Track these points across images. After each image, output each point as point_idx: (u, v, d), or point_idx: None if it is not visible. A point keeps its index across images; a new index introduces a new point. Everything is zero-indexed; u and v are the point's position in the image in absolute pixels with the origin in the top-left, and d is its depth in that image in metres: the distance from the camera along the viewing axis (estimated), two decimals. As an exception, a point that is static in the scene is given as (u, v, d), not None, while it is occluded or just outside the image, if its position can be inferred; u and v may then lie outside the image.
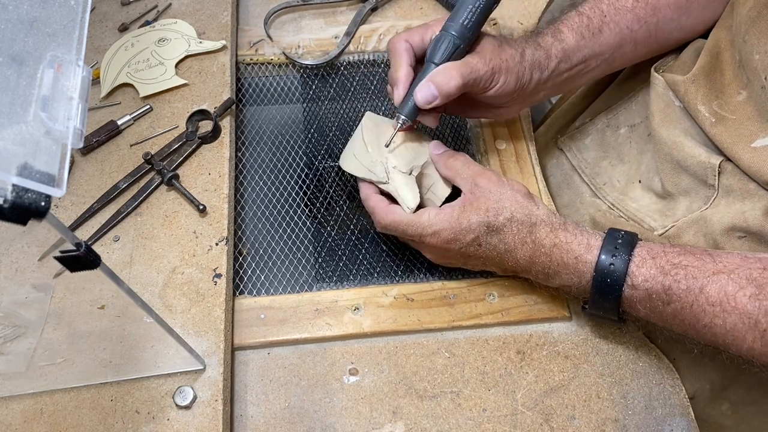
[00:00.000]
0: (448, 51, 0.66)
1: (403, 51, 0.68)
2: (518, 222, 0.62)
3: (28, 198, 0.33)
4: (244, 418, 0.62)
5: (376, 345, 0.66)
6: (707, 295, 0.54)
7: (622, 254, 0.58)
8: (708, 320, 0.54)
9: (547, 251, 0.60)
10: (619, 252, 0.58)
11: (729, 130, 0.65)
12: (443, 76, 0.64)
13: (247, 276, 0.70)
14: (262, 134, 0.81)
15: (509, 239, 0.62)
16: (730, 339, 0.53)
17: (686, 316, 0.55)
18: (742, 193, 0.65)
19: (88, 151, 0.73)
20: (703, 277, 0.54)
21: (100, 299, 0.62)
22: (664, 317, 0.57)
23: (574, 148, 0.85)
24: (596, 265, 0.58)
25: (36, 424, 0.58)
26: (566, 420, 0.62)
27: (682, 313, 0.55)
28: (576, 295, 0.63)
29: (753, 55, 0.63)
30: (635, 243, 0.59)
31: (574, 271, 0.60)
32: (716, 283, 0.54)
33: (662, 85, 0.73)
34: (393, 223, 0.65)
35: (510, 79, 0.68)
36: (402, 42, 0.68)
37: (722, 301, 0.53)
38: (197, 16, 0.84)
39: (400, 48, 0.68)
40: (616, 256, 0.58)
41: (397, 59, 0.68)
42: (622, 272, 0.57)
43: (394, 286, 0.69)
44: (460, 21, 0.66)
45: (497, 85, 0.67)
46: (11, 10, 0.38)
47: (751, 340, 0.52)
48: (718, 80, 0.68)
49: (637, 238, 0.60)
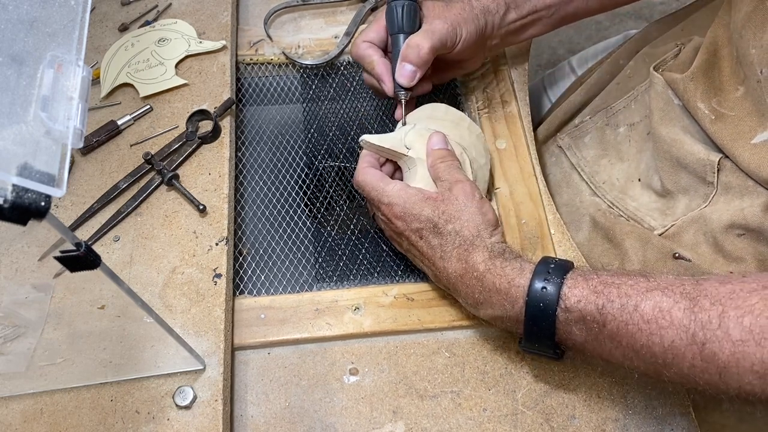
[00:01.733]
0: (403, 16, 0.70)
1: (368, 49, 0.72)
2: (462, 237, 0.61)
3: (28, 198, 0.33)
4: (244, 418, 0.62)
5: (377, 345, 0.66)
6: (642, 313, 0.51)
7: (554, 278, 0.56)
8: (645, 339, 0.51)
9: (479, 275, 0.59)
10: (552, 276, 0.56)
11: (728, 127, 0.65)
12: (412, 49, 0.69)
13: (247, 276, 0.70)
14: (262, 134, 0.81)
15: (447, 248, 0.61)
16: (670, 357, 0.51)
17: (623, 337, 0.52)
18: (740, 190, 0.65)
19: (88, 151, 0.73)
20: (637, 294, 0.52)
21: (100, 299, 0.62)
22: (601, 342, 0.54)
23: (574, 146, 0.85)
24: (528, 289, 0.56)
25: (36, 424, 0.58)
26: (567, 419, 0.62)
27: (619, 334, 0.53)
28: (508, 327, 0.61)
29: (749, 50, 0.63)
30: (569, 268, 0.57)
31: (506, 297, 0.57)
32: (650, 300, 0.52)
33: (661, 83, 0.73)
34: (363, 182, 0.67)
35: (470, 29, 0.71)
36: (362, 43, 0.73)
37: (657, 317, 0.51)
38: (197, 16, 0.84)
39: (363, 48, 0.73)
40: (548, 279, 0.56)
41: (368, 58, 0.72)
42: (554, 295, 0.55)
43: (394, 285, 0.69)
44: None
45: (461, 37, 0.71)
46: (11, 10, 0.38)
47: (691, 356, 0.49)
48: (716, 77, 0.68)
49: (572, 265, 0.58)
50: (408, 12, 0.70)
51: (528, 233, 0.72)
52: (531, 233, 0.72)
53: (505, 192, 0.76)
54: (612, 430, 0.62)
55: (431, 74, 0.76)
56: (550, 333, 0.56)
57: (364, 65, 0.73)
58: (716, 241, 0.66)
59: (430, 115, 0.73)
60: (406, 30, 0.70)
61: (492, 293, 0.58)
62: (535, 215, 0.74)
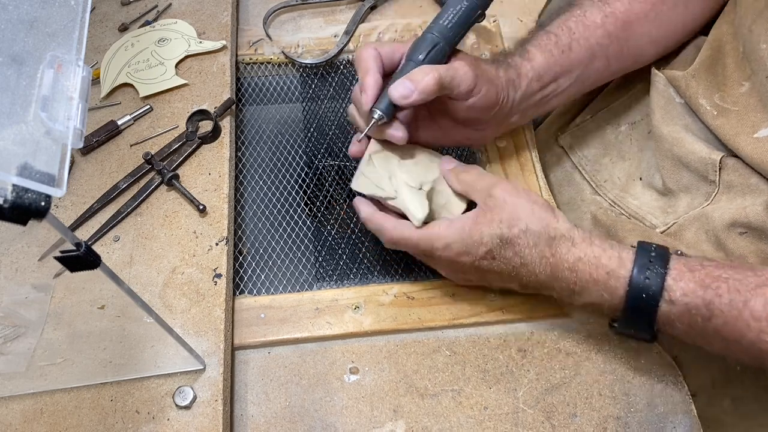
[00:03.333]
0: (428, 48, 0.64)
1: (371, 58, 0.64)
2: (534, 234, 0.58)
3: (28, 198, 0.33)
4: (245, 417, 0.62)
5: (377, 344, 0.66)
6: (752, 310, 0.51)
7: (657, 268, 0.54)
8: (754, 336, 0.51)
9: (570, 266, 0.57)
10: (654, 266, 0.55)
11: (731, 122, 0.65)
12: (421, 72, 0.61)
13: (247, 276, 0.70)
14: (262, 134, 0.81)
15: (525, 252, 0.58)
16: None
17: (729, 333, 0.52)
18: (743, 188, 0.65)
19: (88, 151, 0.73)
20: (747, 290, 0.52)
21: (100, 299, 0.62)
22: (704, 335, 0.54)
23: (575, 145, 0.85)
24: (630, 280, 0.55)
25: (36, 424, 0.58)
26: (568, 418, 0.62)
27: (725, 329, 0.52)
28: (605, 314, 0.60)
29: (759, 45, 0.63)
30: (669, 256, 0.56)
31: (604, 288, 0.56)
32: (761, 297, 0.51)
33: (663, 82, 0.73)
34: (403, 239, 0.63)
35: (491, 91, 0.65)
36: (371, 50, 0.65)
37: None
38: (197, 16, 0.84)
39: (368, 55, 0.64)
40: (650, 269, 0.54)
41: (366, 65, 0.64)
42: (658, 287, 0.54)
43: (394, 284, 0.69)
44: (440, 22, 0.65)
45: (480, 93, 0.64)
46: (11, 10, 0.38)
47: None
48: (719, 73, 0.68)
49: (669, 252, 0.57)
50: (437, 51, 0.64)
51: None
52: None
53: (506, 191, 0.75)
54: (613, 428, 0.62)
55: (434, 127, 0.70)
56: (650, 322, 0.55)
57: (359, 68, 0.65)
58: (718, 239, 0.66)
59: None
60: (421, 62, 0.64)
61: (588, 283, 0.57)
62: (535, 214, 0.73)
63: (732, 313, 0.52)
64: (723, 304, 0.52)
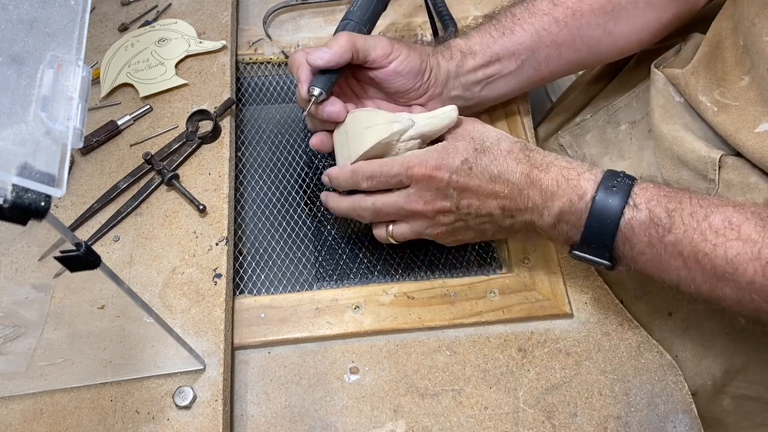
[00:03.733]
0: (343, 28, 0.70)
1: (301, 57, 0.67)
2: (508, 140, 0.61)
3: (28, 198, 0.33)
4: (245, 417, 0.62)
5: (377, 343, 0.66)
6: (711, 222, 0.52)
7: (625, 179, 0.56)
8: (709, 249, 0.51)
9: (544, 168, 0.59)
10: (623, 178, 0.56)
11: (732, 117, 0.65)
12: (334, 39, 0.66)
13: (247, 276, 0.70)
14: (262, 134, 0.81)
15: (500, 159, 0.60)
16: (731, 270, 0.50)
17: (686, 247, 0.52)
18: (742, 186, 0.65)
19: (88, 151, 0.73)
20: (709, 205, 0.53)
21: (100, 299, 0.62)
22: (661, 249, 0.54)
23: (575, 143, 0.85)
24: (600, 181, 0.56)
25: (36, 424, 0.58)
26: (568, 417, 0.62)
27: (682, 242, 0.52)
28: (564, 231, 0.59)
29: (762, 38, 0.63)
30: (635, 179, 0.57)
31: (575, 188, 0.57)
32: (721, 213, 0.52)
33: (662, 80, 0.73)
34: (377, 167, 0.63)
35: (413, 56, 0.68)
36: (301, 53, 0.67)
37: (726, 228, 0.51)
38: (197, 16, 0.84)
39: (297, 56, 0.67)
40: (619, 179, 0.56)
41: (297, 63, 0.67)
42: (625, 191, 0.55)
43: (394, 284, 0.69)
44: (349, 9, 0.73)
45: (399, 56, 0.67)
46: (11, 10, 0.38)
47: (752, 271, 0.49)
48: (719, 69, 0.68)
49: None
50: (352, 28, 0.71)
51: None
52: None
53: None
54: (614, 428, 0.62)
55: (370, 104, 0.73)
56: (611, 231, 0.55)
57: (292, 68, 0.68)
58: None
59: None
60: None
61: (560, 183, 0.58)
62: (535, 214, 0.74)
63: (692, 224, 0.52)
64: (684, 214, 0.53)
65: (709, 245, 0.51)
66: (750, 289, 0.50)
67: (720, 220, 0.52)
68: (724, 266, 0.51)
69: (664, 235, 0.53)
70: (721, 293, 0.52)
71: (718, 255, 0.51)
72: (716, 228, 0.51)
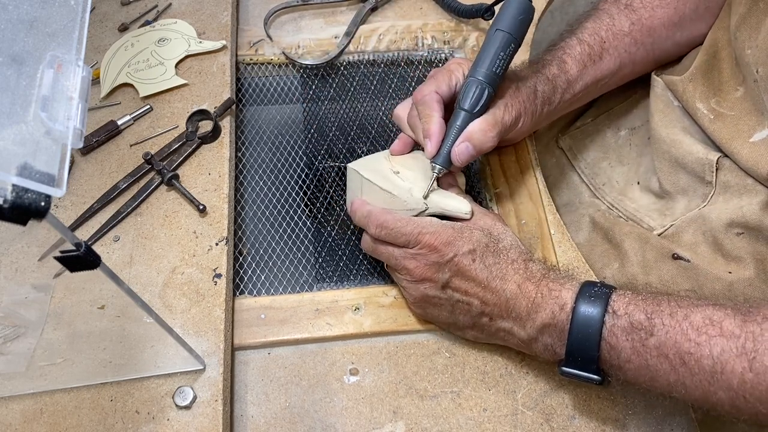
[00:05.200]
0: (481, 99, 0.64)
1: (434, 102, 0.65)
2: (517, 251, 0.61)
3: (28, 198, 0.33)
4: (245, 418, 0.62)
5: (377, 345, 0.66)
6: (691, 321, 0.51)
7: (603, 289, 0.56)
8: (693, 348, 0.50)
9: (536, 281, 0.58)
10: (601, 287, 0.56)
11: (728, 126, 0.65)
12: (480, 134, 0.63)
13: (247, 276, 0.70)
14: (262, 134, 0.81)
15: (503, 265, 0.60)
16: (719, 369, 0.49)
17: (670, 349, 0.51)
18: (739, 188, 0.65)
19: (88, 151, 0.73)
20: (688, 306, 0.52)
21: (100, 299, 0.62)
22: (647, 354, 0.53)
23: (575, 148, 0.85)
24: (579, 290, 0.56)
25: (36, 424, 0.58)
26: (567, 420, 0.62)
27: (666, 344, 0.51)
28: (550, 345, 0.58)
29: (745, 51, 0.63)
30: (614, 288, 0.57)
31: (557, 299, 0.57)
32: (701, 312, 0.51)
33: (661, 86, 0.73)
34: (392, 220, 0.63)
35: (527, 120, 0.68)
36: (432, 93, 0.65)
37: (707, 326, 0.50)
38: (197, 16, 0.84)
39: (431, 99, 0.65)
40: (598, 288, 0.56)
41: (429, 111, 0.65)
42: (604, 298, 0.55)
43: (394, 286, 0.69)
44: (491, 68, 0.64)
45: (518, 127, 0.68)
46: (11, 10, 0.38)
47: (741, 369, 0.48)
48: (716, 78, 0.68)
49: None
50: (487, 98, 0.64)
51: (528, 233, 0.72)
52: (531, 233, 0.72)
53: (505, 192, 0.76)
54: (612, 430, 0.62)
55: None
56: (595, 340, 0.54)
57: (420, 113, 0.65)
58: (716, 240, 0.66)
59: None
60: (474, 112, 0.65)
61: (545, 295, 0.57)
62: (534, 215, 0.74)
63: (672, 324, 0.51)
64: (664, 316, 0.52)
65: (693, 344, 0.50)
66: (742, 389, 0.49)
67: (700, 318, 0.51)
68: (712, 365, 0.49)
69: (647, 338, 0.52)
70: (715, 399, 0.51)
71: (704, 354, 0.50)
72: (697, 326, 0.51)
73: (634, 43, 0.73)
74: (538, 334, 0.58)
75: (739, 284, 0.64)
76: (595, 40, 0.72)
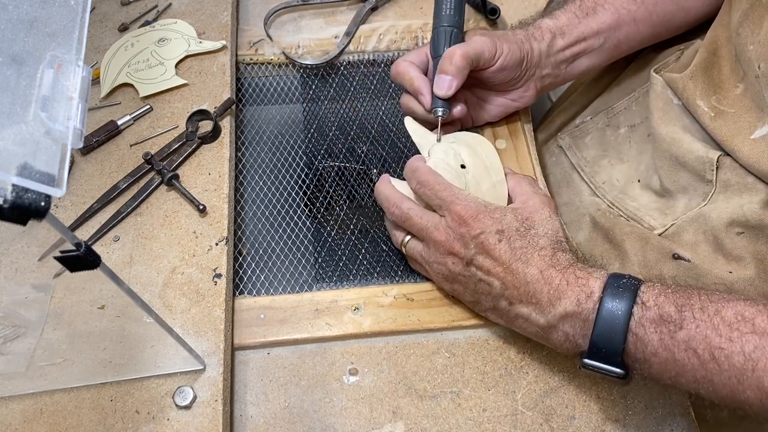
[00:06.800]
0: (446, 39, 0.71)
1: (409, 66, 0.72)
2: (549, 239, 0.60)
3: (28, 198, 0.33)
4: (244, 418, 0.62)
5: (376, 345, 0.66)
6: (723, 316, 0.49)
7: (632, 280, 0.54)
8: (725, 344, 0.48)
9: (562, 268, 0.57)
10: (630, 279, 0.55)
11: (728, 123, 0.65)
12: (447, 59, 0.68)
13: (247, 276, 0.70)
14: (262, 134, 0.81)
15: (529, 250, 0.59)
16: (750, 367, 0.47)
17: (699, 343, 0.49)
18: (739, 187, 0.65)
19: (88, 151, 0.73)
20: (719, 300, 0.50)
21: (100, 299, 0.62)
22: (674, 348, 0.51)
23: (574, 146, 0.85)
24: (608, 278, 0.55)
25: (36, 424, 0.58)
26: (566, 420, 0.62)
27: (695, 338, 0.50)
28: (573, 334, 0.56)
29: (747, 47, 0.63)
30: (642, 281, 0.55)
31: (583, 287, 0.55)
32: (732, 308, 0.49)
33: (661, 84, 0.73)
34: (433, 181, 0.64)
35: (513, 47, 0.71)
36: (403, 62, 0.73)
37: (740, 323, 0.48)
38: (197, 16, 0.84)
39: (405, 65, 0.72)
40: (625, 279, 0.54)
41: (408, 74, 0.72)
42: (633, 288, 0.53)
43: (394, 286, 0.69)
44: (444, 12, 0.72)
45: (503, 52, 0.70)
46: (11, 10, 0.38)
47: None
48: (716, 75, 0.68)
49: None
50: (453, 37, 0.72)
51: (528, 233, 0.72)
52: (531, 233, 0.72)
53: (505, 192, 0.76)
54: (612, 430, 0.62)
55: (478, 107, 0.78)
56: (622, 332, 0.52)
57: (404, 82, 0.72)
58: (716, 239, 0.66)
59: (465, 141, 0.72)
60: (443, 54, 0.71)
61: (570, 282, 0.56)
62: (535, 215, 0.73)
63: (703, 318, 0.50)
64: (694, 310, 0.51)
65: (724, 340, 0.49)
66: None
67: (732, 314, 0.49)
68: (743, 363, 0.48)
69: (676, 332, 0.51)
70: (743, 397, 0.49)
71: (735, 350, 0.48)
72: (729, 321, 0.49)
73: (633, 2, 0.75)
74: (558, 322, 0.56)
75: (739, 284, 0.64)
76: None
